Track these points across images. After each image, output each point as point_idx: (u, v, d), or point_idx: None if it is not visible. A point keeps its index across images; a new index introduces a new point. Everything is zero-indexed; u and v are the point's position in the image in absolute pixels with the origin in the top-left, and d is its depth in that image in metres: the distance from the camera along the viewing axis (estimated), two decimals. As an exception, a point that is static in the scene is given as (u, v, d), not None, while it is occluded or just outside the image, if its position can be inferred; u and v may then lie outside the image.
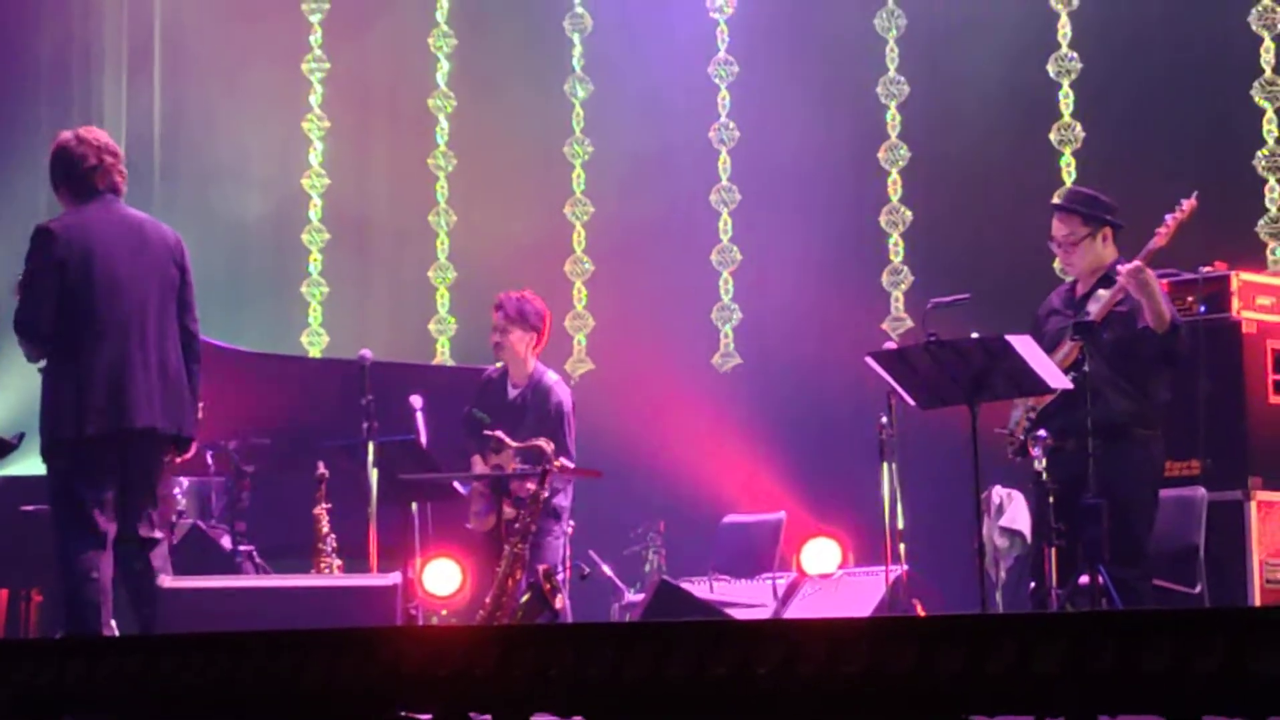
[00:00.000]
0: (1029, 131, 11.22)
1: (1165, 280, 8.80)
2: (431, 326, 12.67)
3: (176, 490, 9.33)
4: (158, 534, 7.25)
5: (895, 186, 11.68)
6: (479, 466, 8.96)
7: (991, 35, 11.25)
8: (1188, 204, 7.74)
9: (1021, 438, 7.70)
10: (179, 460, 7.46)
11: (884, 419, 8.82)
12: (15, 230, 12.66)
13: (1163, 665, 2.71)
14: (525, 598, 7.86)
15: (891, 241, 11.62)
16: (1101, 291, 7.72)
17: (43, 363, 7.25)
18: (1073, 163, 11.11)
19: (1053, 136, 11.16)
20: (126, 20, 12.87)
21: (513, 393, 9.11)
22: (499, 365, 9.28)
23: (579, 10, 12.59)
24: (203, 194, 12.45)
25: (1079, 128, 11.14)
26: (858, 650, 2.91)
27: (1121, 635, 2.75)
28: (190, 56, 12.92)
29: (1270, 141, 10.66)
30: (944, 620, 2.96)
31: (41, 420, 7.19)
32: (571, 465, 8.76)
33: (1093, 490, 7.29)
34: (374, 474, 8.53)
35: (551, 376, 9.16)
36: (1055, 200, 8.18)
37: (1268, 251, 10.54)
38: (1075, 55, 11.18)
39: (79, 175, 7.25)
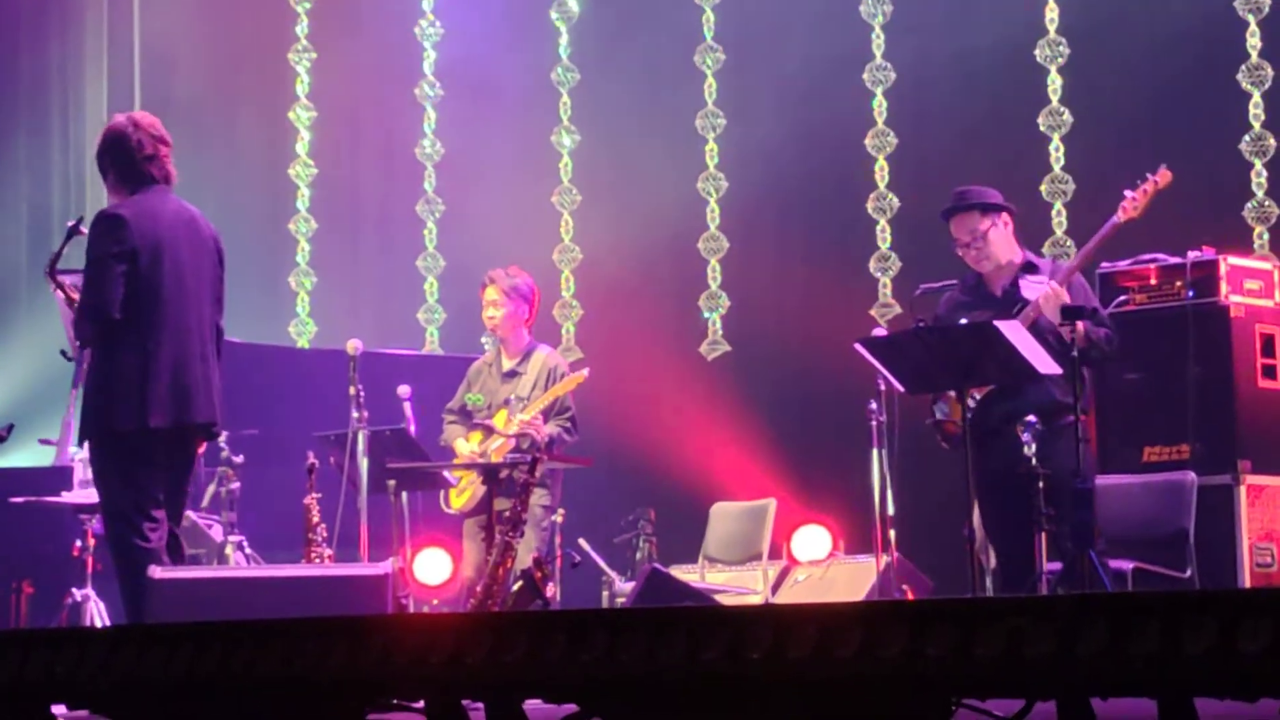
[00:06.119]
0: (1017, 117, 11.21)
1: (1153, 265, 8.82)
2: (420, 316, 12.66)
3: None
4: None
5: (882, 173, 11.66)
6: (464, 451, 9.03)
7: (979, 21, 11.23)
8: (1160, 177, 7.74)
9: (962, 426, 7.62)
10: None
11: (873, 405, 8.83)
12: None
13: (1153, 647, 2.72)
14: (516, 586, 7.86)
15: (879, 228, 11.61)
16: (1031, 277, 7.75)
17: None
18: (1061, 148, 11.10)
19: (1040, 122, 11.15)
20: (107, 12, 12.83)
21: (508, 365, 9.19)
22: (485, 343, 9.32)
23: (566, -2, 12.57)
24: (187, 182, 12.38)
25: (1067, 113, 11.14)
26: (849, 634, 2.92)
27: (1112, 618, 2.76)
28: (174, 45, 12.88)
29: (1256, 126, 10.66)
30: (935, 604, 2.97)
31: (94, 411, 6.95)
32: (573, 436, 8.92)
33: (1080, 474, 7.30)
34: (364, 463, 8.54)
35: (545, 348, 9.29)
36: (946, 207, 8.05)
37: (1254, 235, 10.55)
38: (1063, 41, 11.18)
39: (135, 163, 7.10)
